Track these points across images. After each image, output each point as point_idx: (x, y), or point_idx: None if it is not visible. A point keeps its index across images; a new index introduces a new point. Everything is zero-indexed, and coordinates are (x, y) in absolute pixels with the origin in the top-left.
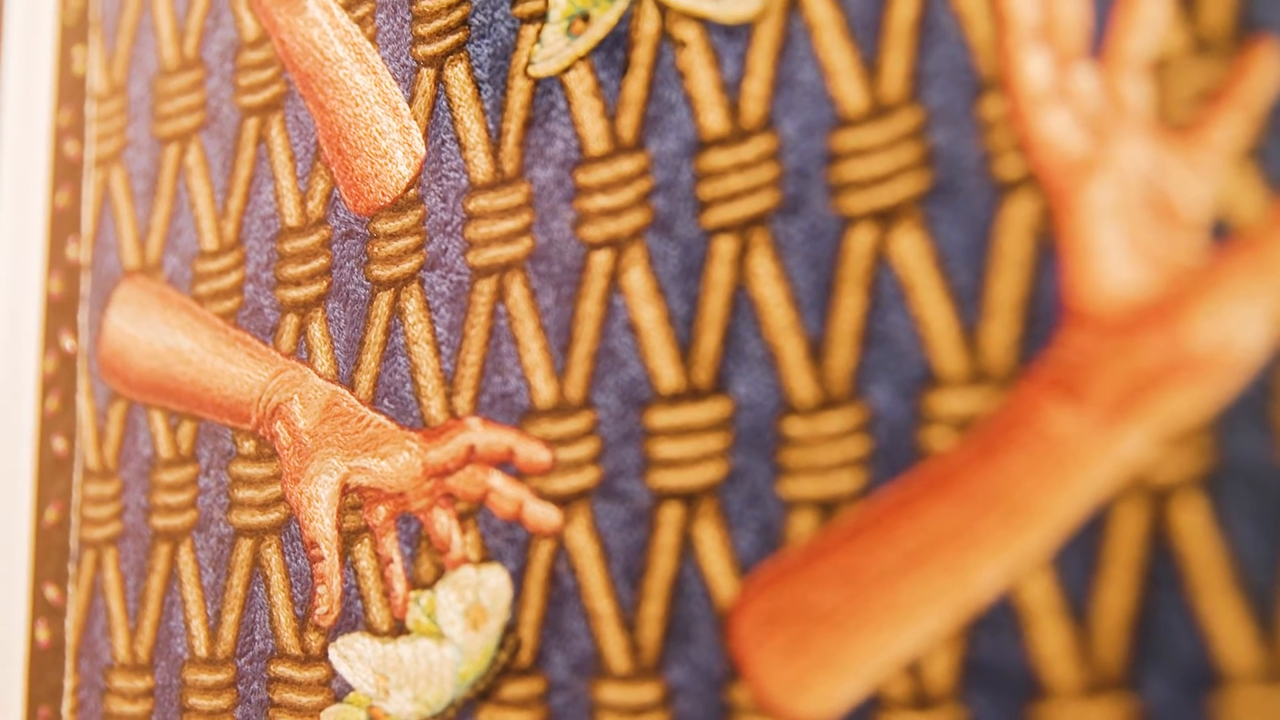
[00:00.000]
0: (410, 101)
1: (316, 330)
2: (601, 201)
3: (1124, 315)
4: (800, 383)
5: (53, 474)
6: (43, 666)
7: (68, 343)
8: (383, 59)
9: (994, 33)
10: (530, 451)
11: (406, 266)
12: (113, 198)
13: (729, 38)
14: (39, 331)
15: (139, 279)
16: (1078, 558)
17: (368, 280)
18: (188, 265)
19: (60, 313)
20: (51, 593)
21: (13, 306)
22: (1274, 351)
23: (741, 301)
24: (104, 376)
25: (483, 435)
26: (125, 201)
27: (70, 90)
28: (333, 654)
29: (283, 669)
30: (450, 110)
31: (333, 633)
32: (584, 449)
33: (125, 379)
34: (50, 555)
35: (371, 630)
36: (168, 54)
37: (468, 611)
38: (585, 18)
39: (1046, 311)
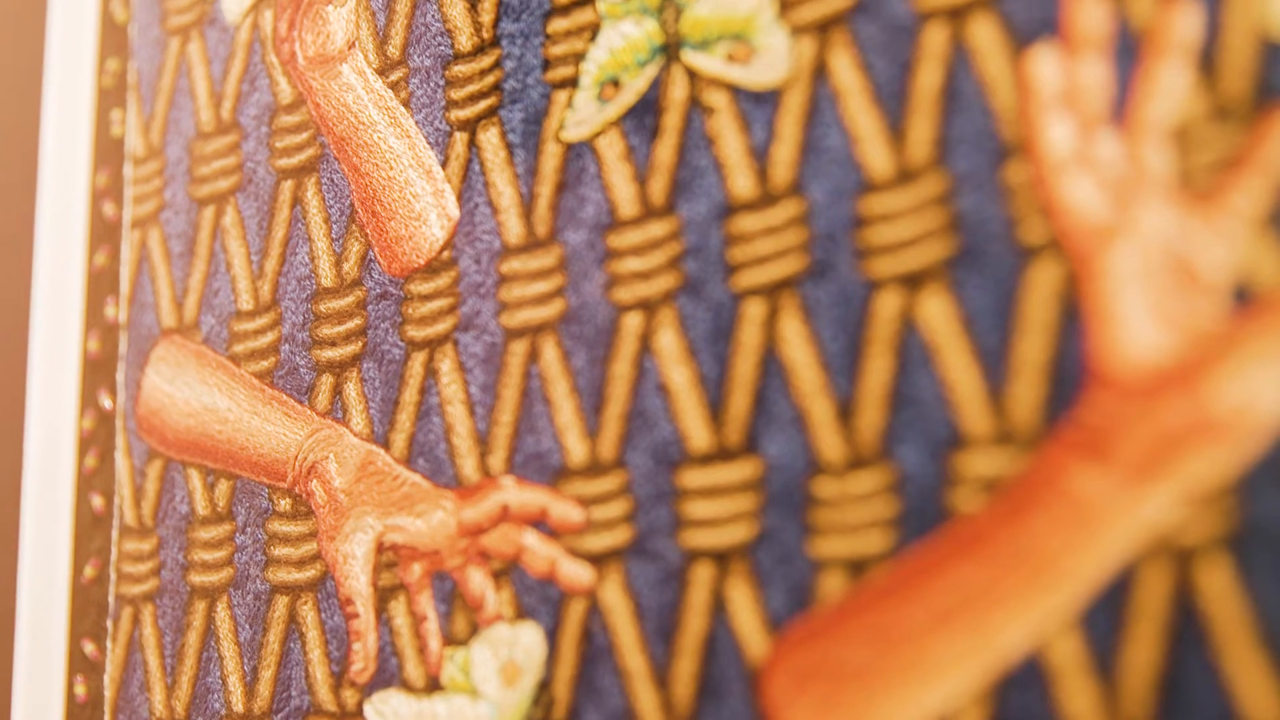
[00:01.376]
0: (444, 165)
1: (352, 390)
2: (633, 264)
3: (1147, 378)
4: (829, 443)
5: (91, 531)
6: None
7: (106, 401)
8: (416, 123)
9: (1017, 99)
10: (563, 511)
11: (441, 327)
12: (150, 258)
13: (757, 104)
14: (77, 390)
15: (176, 338)
16: (1104, 617)
17: (402, 341)
18: (224, 325)
19: (98, 371)
20: (89, 648)
21: (52, 365)
22: None
23: (771, 363)
24: (142, 434)
25: (516, 494)
26: (162, 262)
27: (108, 152)
28: (368, 711)
29: None
30: (483, 174)
31: (368, 689)
32: (616, 508)
33: (163, 437)
34: (88, 611)
35: (407, 687)
36: (204, 117)
37: (502, 669)
38: (616, 83)
39: (1071, 374)
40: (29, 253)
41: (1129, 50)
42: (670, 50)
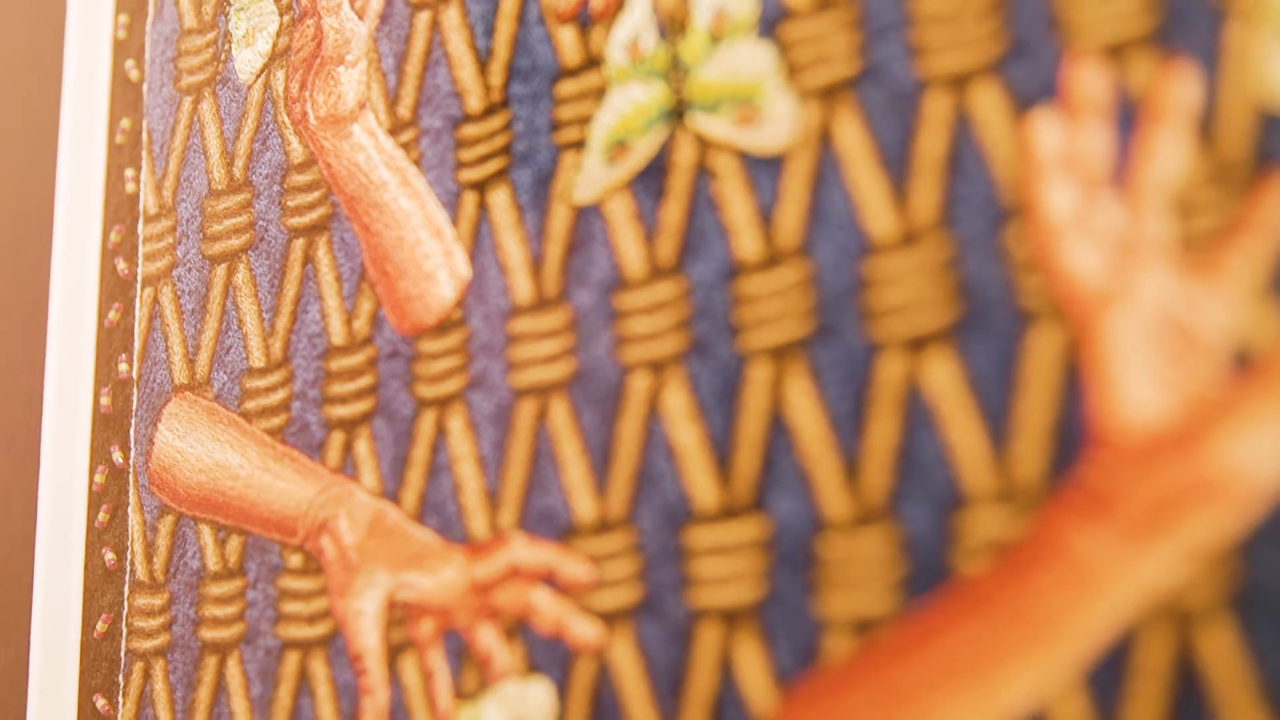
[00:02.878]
0: (454, 225)
1: (363, 447)
2: (641, 325)
3: (1148, 440)
4: (836, 503)
5: (102, 586)
6: None
7: (118, 457)
8: (427, 183)
9: (1018, 164)
10: (572, 569)
11: (451, 386)
12: (162, 315)
13: (763, 167)
14: (89, 445)
15: (188, 395)
16: (1107, 678)
17: (413, 399)
18: (236, 382)
19: (110, 427)
20: (101, 703)
21: (64, 420)
22: None
23: (778, 424)
24: (153, 490)
25: (526, 552)
26: (175, 319)
27: (121, 209)
28: None
29: None
30: (493, 234)
31: None
32: (625, 566)
33: (174, 492)
34: (99, 666)
35: None
36: (217, 175)
37: None
38: (624, 146)
39: (1073, 435)
40: (43, 308)
41: (1128, 116)
42: (677, 114)
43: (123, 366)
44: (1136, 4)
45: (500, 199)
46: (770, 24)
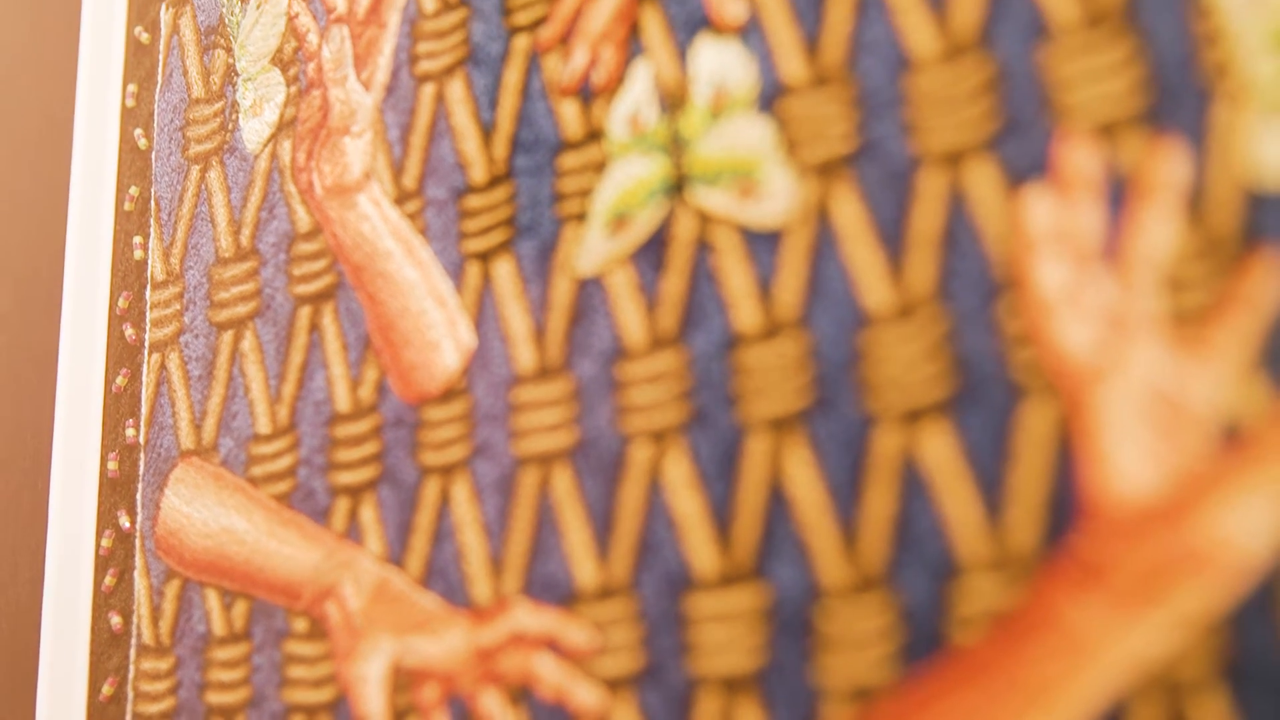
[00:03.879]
0: (458, 294)
1: (368, 513)
2: (642, 395)
3: (1138, 513)
4: (834, 571)
5: (108, 649)
6: None
7: (124, 521)
8: (432, 253)
9: (1011, 240)
10: (574, 635)
11: (455, 454)
12: (170, 381)
13: (762, 241)
14: (96, 509)
15: (195, 460)
16: None
17: (417, 466)
18: (242, 448)
19: (117, 491)
20: None
21: (71, 484)
22: None
23: (777, 494)
24: (160, 554)
25: (529, 618)
26: (182, 385)
27: (129, 276)
28: None
29: None
30: (496, 304)
31: None
32: (627, 633)
33: (181, 557)
34: None
35: None
36: (224, 243)
37: None
38: (625, 218)
39: (1066, 506)
40: (51, 373)
41: (1119, 193)
42: (678, 187)
43: (130, 431)
44: (1127, 84)
45: (504, 269)
46: (769, 100)
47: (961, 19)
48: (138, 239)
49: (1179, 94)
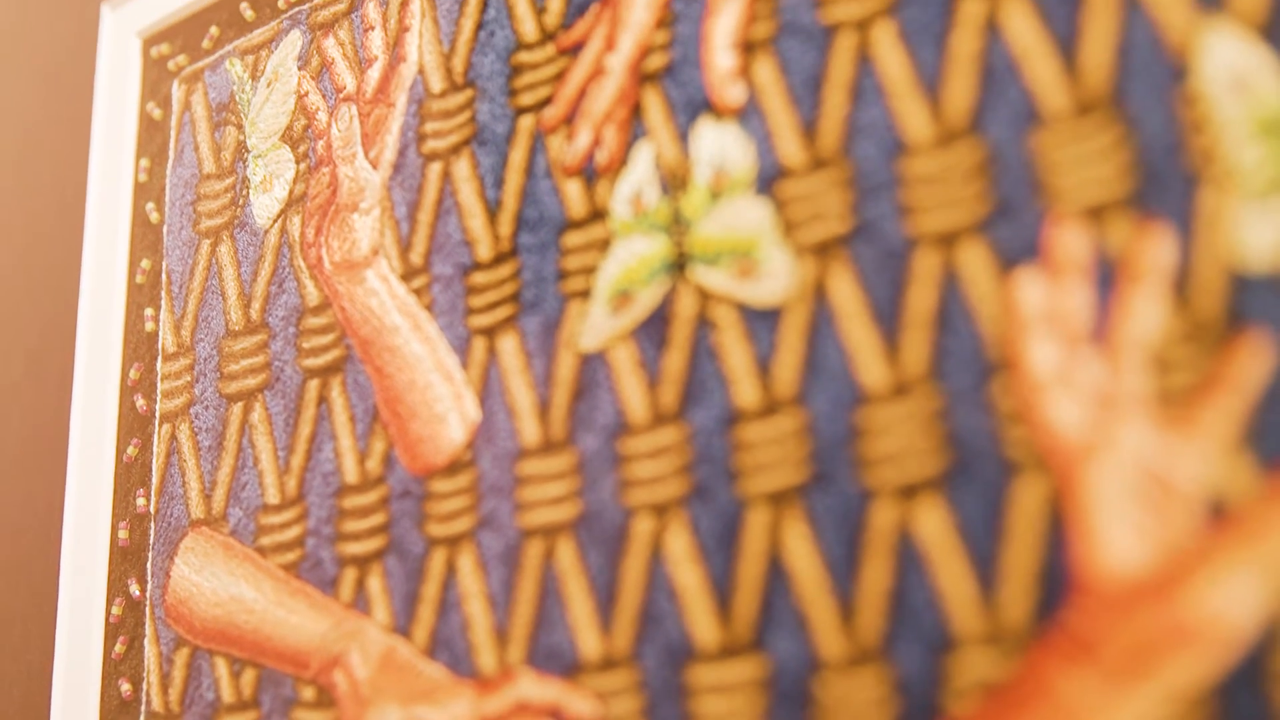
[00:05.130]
0: (464, 368)
1: (375, 583)
2: (644, 469)
3: (1128, 587)
4: (831, 644)
5: (118, 716)
6: None
7: (135, 589)
8: (438, 328)
9: (1003, 320)
10: (578, 705)
11: (461, 525)
12: (180, 451)
13: (761, 319)
14: (107, 578)
15: (204, 530)
16: None
17: (424, 537)
18: (251, 518)
19: (128, 560)
20: None
21: (82, 553)
22: (1268, 622)
23: (776, 567)
24: (170, 622)
25: (533, 688)
26: (192, 455)
27: (141, 348)
28: None
29: None
30: (502, 379)
31: None
32: (629, 703)
33: (190, 625)
34: None
35: None
36: (234, 316)
37: None
38: (628, 296)
39: (1058, 580)
40: (63, 443)
41: (1107, 276)
42: (679, 266)
43: (140, 501)
44: (1115, 169)
45: (509, 345)
46: (767, 182)
47: (954, 104)
48: (149, 311)
49: (1166, 179)
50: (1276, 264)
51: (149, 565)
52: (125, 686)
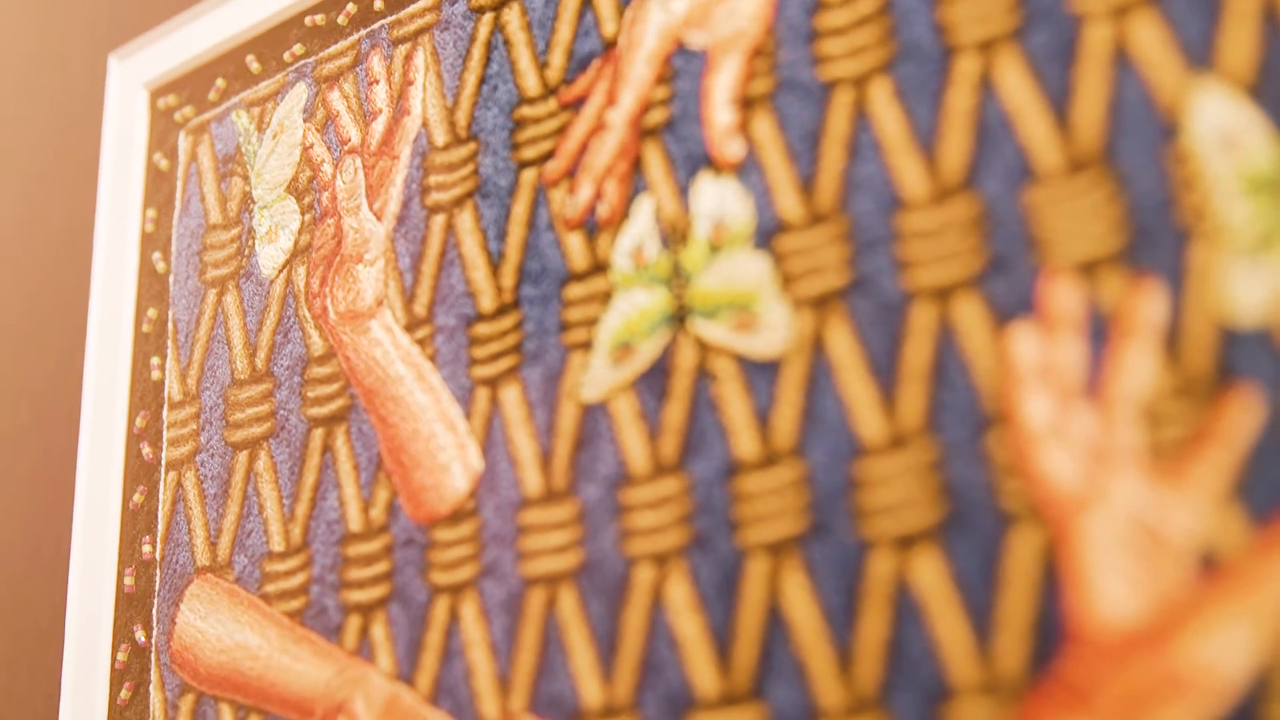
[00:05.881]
0: (467, 418)
1: (379, 631)
2: (645, 520)
3: (1121, 637)
4: (830, 693)
5: None
6: None
7: (140, 636)
8: (441, 378)
9: (998, 374)
10: None
11: (464, 574)
12: (185, 499)
13: (760, 371)
14: (112, 624)
15: (210, 577)
16: None
17: (427, 585)
18: (256, 565)
19: (133, 607)
20: None
21: (88, 599)
22: (1259, 673)
23: (775, 616)
24: (175, 669)
25: None
26: (197, 503)
27: (147, 396)
28: None
29: None
30: (504, 429)
31: None
32: None
33: (195, 671)
34: None
35: None
36: (240, 366)
37: None
38: (629, 347)
39: (1052, 630)
40: (70, 490)
41: (1100, 330)
42: (679, 319)
43: (146, 548)
44: (1107, 224)
45: (511, 395)
46: (766, 235)
47: (950, 160)
48: (155, 360)
49: (1157, 235)
50: (1266, 319)
51: (154, 612)
52: None
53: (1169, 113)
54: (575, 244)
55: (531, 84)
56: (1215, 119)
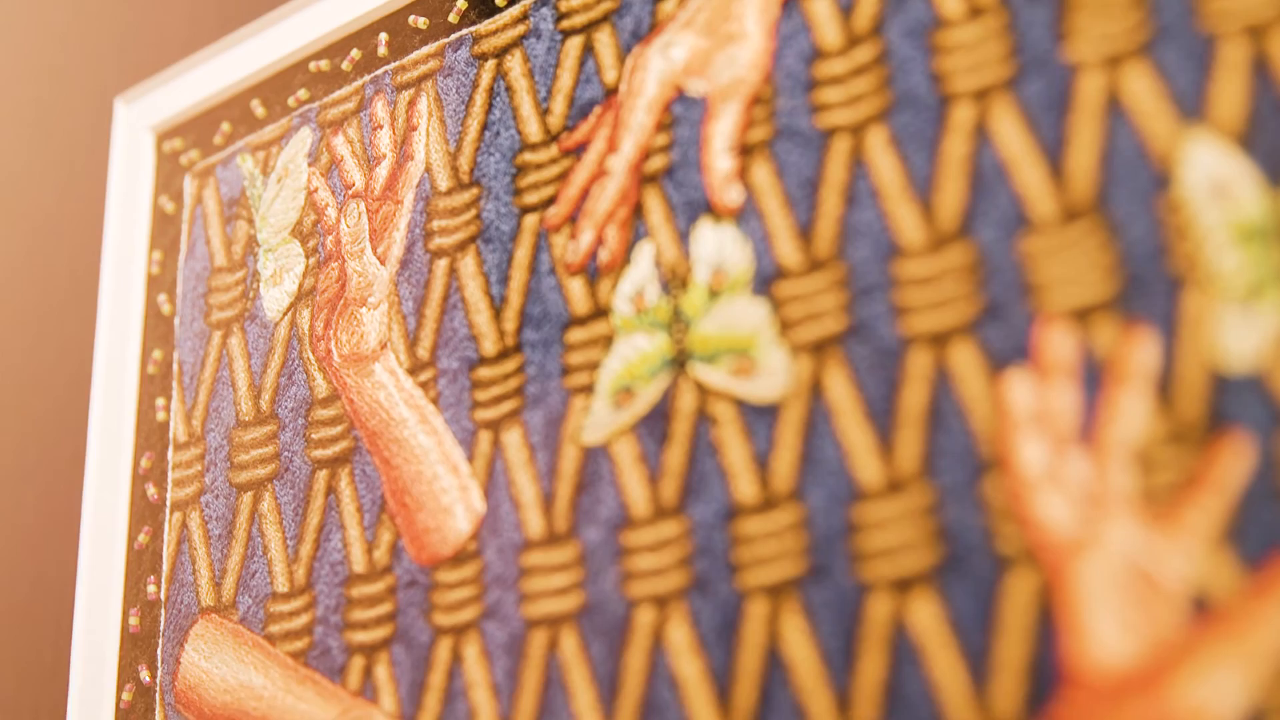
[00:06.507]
0: (470, 461)
1: (382, 672)
2: (646, 562)
3: (1115, 680)
4: None
5: None
6: None
7: (145, 675)
8: (444, 421)
9: (994, 419)
10: None
11: (466, 615)
12: (190, 539)
13: (759, 415)
14: (117, 664)
15: (214, 617)
16: None
17: (430, 627)
18: (260, 606)
19: (138, 647)
20: None
21: (94, 639)
22: (1251, 716)
23: (775, 658)
24: (179, 708)
25: None
26: (202, 543)
27: (152, 437)
28: None
29: None
30: (507, 471)
31: None
32: None
33: (200, 711)
34: None
35: None
36: (244, 407)
37: None
38: (629, 392)
39: (1048, 673)
40: (75, 530)
41: (1094, 377)
42: (679, 363)
43: (151, 588)
44: (1100, 272)
45: (513, 438)
46: (765, 281)
47: (946, 208)
48: (160, 401)
49: (1150, 283)
50: (1257, 366)
51: (159, 652)
52: None
53: (1161, 162)
54: (577, 289)
55: (533, 130)
56: (1206, 169)
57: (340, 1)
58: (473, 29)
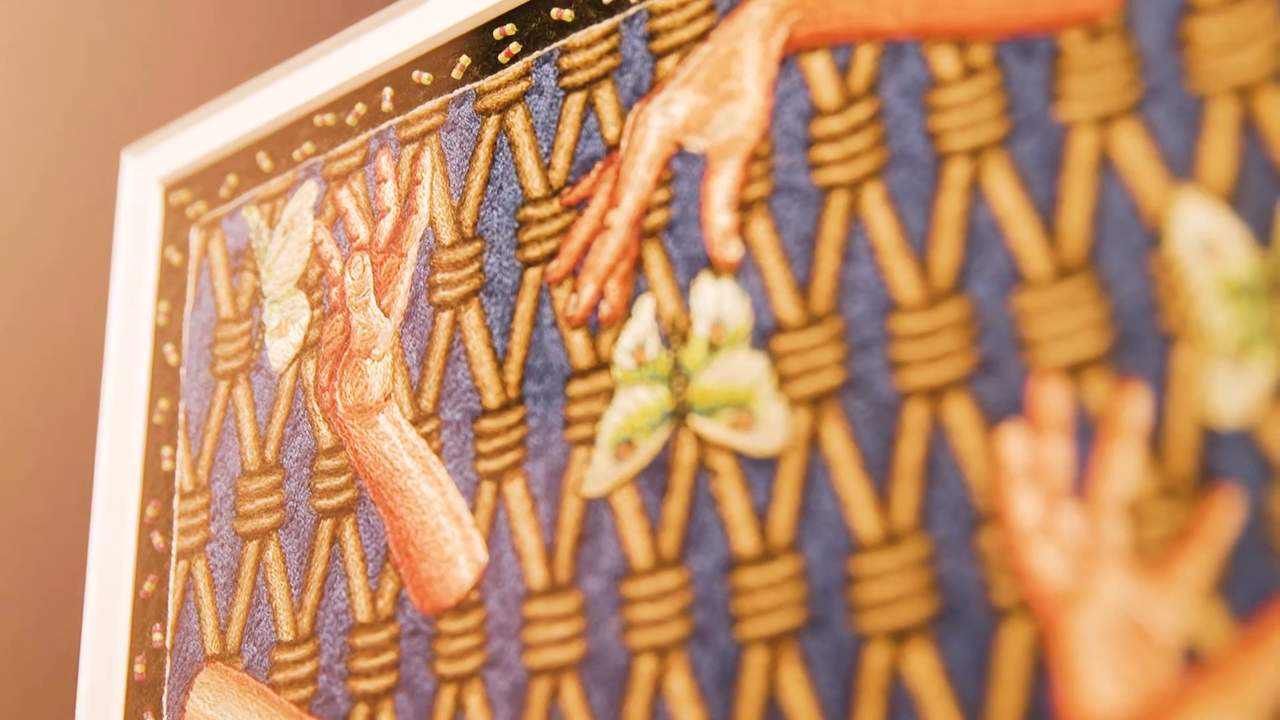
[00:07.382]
0: (473, 512)
1: None
2: (646, 612)
3: None
4: None
5: None
6: None
7: None
8: (447, 472)
9: (989, 473)
10: None
11: (469, 664)
12: (196, 588)
13: (758, 467)
14: (123, 711)
15: (219, 665)
16: None
17: (433, 675)
18: (265, 654)
19: (144, 694)
20: None
21: (99, 687)
22: None
23: (774, 708)
24: None
25: None
26: (207, 592)
27: (158, 486)
28: None
29: None
30: (509, 522)
31: None
32: None
33: None
34: None
35: None
36: (249, 457)
37: None
38: (630, 444)
39: None
40: (81, 578)
41: (1087, 431)
42: (679, 416)
43: (156, 636)
44: (1093, 328)
45: (516, 489)
46: (763, 336)
47: (941, 264)
48: (167, 450)
49: (1142, 339)
50: (1247, 421)
51: (164, 699)
52: None
53: (1152, 220)
54: (578, 342)
55: (536, 185)
56: (1196, 227)
57: (345, 57)
58: (476, 85)
